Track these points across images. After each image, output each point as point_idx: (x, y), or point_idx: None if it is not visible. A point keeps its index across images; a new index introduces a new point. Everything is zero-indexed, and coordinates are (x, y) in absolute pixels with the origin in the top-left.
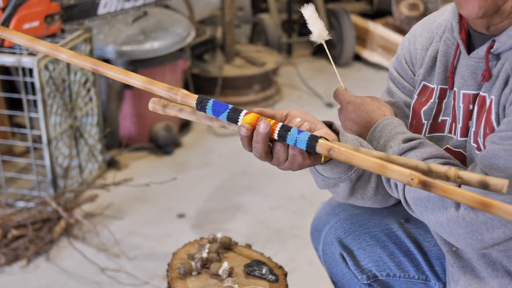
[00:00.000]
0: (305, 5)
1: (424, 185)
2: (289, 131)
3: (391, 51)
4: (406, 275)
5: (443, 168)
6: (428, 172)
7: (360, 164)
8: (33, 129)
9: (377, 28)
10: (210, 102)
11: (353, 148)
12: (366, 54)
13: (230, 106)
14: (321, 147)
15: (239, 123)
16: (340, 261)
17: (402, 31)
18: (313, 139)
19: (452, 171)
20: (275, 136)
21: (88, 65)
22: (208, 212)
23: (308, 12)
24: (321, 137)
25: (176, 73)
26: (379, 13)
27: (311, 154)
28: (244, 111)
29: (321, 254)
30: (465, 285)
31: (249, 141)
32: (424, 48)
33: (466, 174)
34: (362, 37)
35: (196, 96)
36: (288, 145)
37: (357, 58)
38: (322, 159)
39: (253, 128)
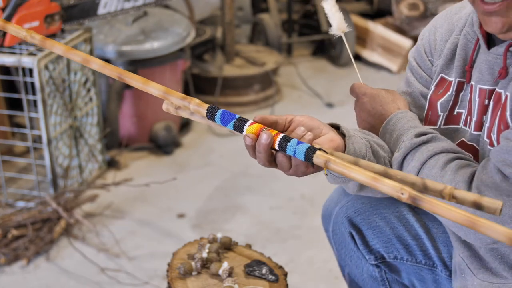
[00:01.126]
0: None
1: (414, 200)
2: (289, 142)
3: (391, 51)
4: (413, 259)
5: (439, 186)
6: (424, 189)
7: (355, 178)
8: (33, 129)
9: (377, 28)
10: (219, 112)
11: (353, 160)
12: (366, 54)
13: (237, 116)
14: (318, 158)
15: (244, 133)
16: (349, 240)
17: (402, 31)
18: (310, 151)
19: (447, 190)
20: (276, 147)
21: (114, 74)
22: (208, 212)
23: (328, 6)
24: (319, 149)
25: (176, 73)
26: (379, 13)
27: None
28: (249, 121)
29: (331, 234)
30: (472, 274)
31: (253, 150)
32: (443, 40)
33: (460, 194)
34: (362, 37)
35: (206, 105)
36: (290, 155)
37: (357, 58)
38: (325, 170)
39: (257, 138)
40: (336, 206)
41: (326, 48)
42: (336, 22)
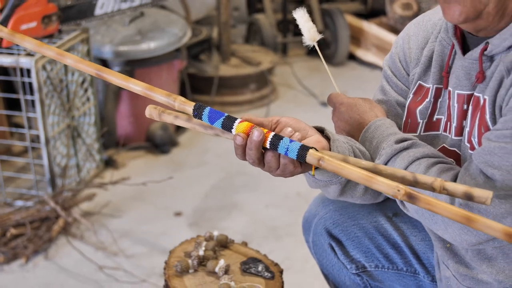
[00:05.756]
0: (296, 9)
1: (410, 197)
2: (281, 140)
3: (385, 50)
4: (394, 267)
5: (429, 179)
6: (414, 183)
7: (348, 175)
8: (31, 129)
9: (371, 27)
10: (206, 109)
11: (342, 157)
12: (360, 53)
13: (225, 114)
14: (311, 157)
15: (233, 131)
16: (329, 251)
17: (396, 31)
18: (303, 149)
19: (438, 182)
20: (267, 145)
21: (92, 71)
22: (204, 210)
23: (299, 16)
24: (311, 148)
25: (172, 73)
26: (373, 13)
27: (301, 163)
28: (238, 120)
29: (312, 245)
30: (457, 281)
31: (243, 149)
32: (419, 48)
33: (451, 186)
34: (357, 37)
35: (193, 103)
36: (279, 154)
37: (352, 57)
38: (313, 171)
39: (247, 136)
40: (315, 218)
41: (321, 48)
42: (308, 32)
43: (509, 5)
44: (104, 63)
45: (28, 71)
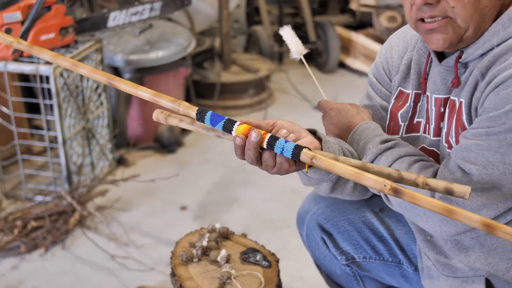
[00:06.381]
0: (282, 27)
1: (396, 192)
2: (277, 140)
3: (372, 59)
4: (380, 258)
5: (412, 176)
6: (399, 179)
7: (339, 172)
8: (50, 130)
9: (359, 38)
10: (208, 113)
11: (333, 157)
12: (350, 61)
13: (226, 117)
14: (305, 155)
15: (233, 133)
16: (322, 244)
17: (382, 41)
18: (298, 149)
19: (420, 178)
20: (264, 145)
21: (104, 79)
22: (207, 204)
23: (285, 33)
24: (305, 147)
25: (178, 80)
26: (361, 25)
27: (296, 161)
28: (238, 122)
29: (305, 238)
30: (437, 271)
31: (242, 149)
32: (399, 57)
33: (433, 182)
34: (346, 46)
35: (196, 108)
36: (275, 153)
37: (342, 65)
38: (306, 169)
39: (246, 138)
40: (308, 214)
41: (314, 57)
42: (294, 46)
43: (485, 27)
44: (116, 70)
45: (47, 78)
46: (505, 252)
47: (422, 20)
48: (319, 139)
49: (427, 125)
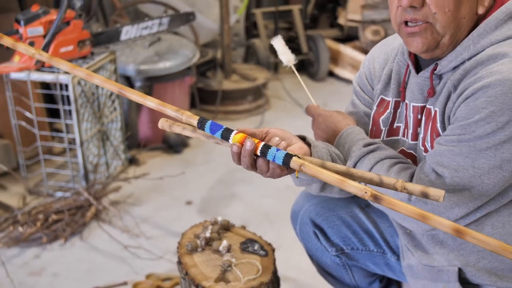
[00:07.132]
0: (273, 37)
1: (375, 198)
2: (269, 148)
3: (358, 68)
4: (367, 249)
5: (392, 181)
6: (380, 183)
7: (325, 179)
8: (69, 133)
9: (347, 50)
10: (208, 122)
11: (320, 163)
12: (338, 71)
13: (224, 126)
14: (294, 163)
15: (230, 141)
16: (313, 237)
17: (367, 53)
18: (288, 157)
19: (399, 183)
20: (258, 153)
21: (115, 89)
22: (210, 200)
23: (277, 44)
24: (295, 155)
25: (184, 87)
26: (348, 38)
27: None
28: (235, 131)
29: (299, 232)
30: (416, 260)
31: (238, 156)
32: (381, 67)
33: (410, 186)
34: (335, 57)
35: (197, 117)
36: (268, 160)
37: (331, 74)
38: (296, 174)
39: (242, 146)
40: (301, 210)
41: (306, 67)
42: (286, 56)
43: (460, 37)
44: (128, 79)
45: (66, 86)
46: (475, 245)
47: (406, 23)
48: (309, 144)
49: (406, 130)
